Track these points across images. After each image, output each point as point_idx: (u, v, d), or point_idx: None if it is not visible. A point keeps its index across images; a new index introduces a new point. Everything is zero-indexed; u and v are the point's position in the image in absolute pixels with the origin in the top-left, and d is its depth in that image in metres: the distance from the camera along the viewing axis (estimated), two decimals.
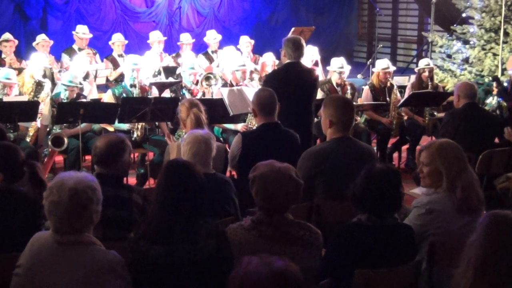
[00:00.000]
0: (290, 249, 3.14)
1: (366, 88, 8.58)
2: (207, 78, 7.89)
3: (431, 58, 11.21)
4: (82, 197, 2.77)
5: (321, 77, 9.35)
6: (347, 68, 8.50)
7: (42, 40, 9.56)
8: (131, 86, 7.56)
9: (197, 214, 3.06)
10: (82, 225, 2.80)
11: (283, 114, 5.37)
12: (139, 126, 7.36)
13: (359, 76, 12.18)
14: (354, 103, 8.10)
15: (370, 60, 11.90)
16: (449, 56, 11.93)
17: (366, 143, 4.91)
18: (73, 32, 10.09)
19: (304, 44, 6.16)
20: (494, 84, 8.56)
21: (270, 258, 2.03)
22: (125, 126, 7.37)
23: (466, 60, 11.65)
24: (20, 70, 8.44)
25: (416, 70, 8.91)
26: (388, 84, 8.43)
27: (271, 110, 5.00)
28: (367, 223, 3.27)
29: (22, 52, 11.56)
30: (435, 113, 8.46)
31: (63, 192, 2.75)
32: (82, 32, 10.01)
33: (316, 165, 4.32)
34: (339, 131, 4.41)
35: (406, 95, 8.39)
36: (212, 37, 10.88)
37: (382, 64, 8.46)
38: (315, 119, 8.18)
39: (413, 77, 9.32)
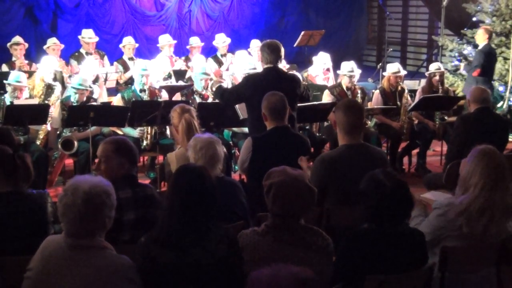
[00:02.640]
0: (304, 254, 3.13)
1: (376, 92, 8.55)
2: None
3: (441, 62, 11.17)
4: (96, 201, 2.77)
5: (332, 83, 9.34)
6: (358, 72, 8.48)
7: (53, 44, 9.57)
8: (141, 91, 7.58)
9: (208, 219, 3.04)
10: (95, 229, 2.80)
11: (258, 121, 5.33)
12: (149, 136, 7.36)
13: (369, 80, 12.16)
14: (364, 107, 8.10)
15: (380, 64, 11.88)
16: (459, 60, 11.88)
17: (378, 148, 4.87)
18: (79, 37, 10.09)
19: (281, 48, 5.99)
20: None
21: (288, 267, 2.03)
22: (135, 134, 7.37)
23: None
24: (30, 73, 8.45)
25: (426, 74, 8.87)
26: (399, 88, 8.38)
27: (281, 115, 4.99)
28: (378, 228, 3.26)
29: (32, 55, 11.61)
30: (446, 118, 8.42)
31: (77, 196, 2.75)
32: (88, 36, 9.98)
33: (329, 172, 4.29)
34: (351, 137, 4.39)
35: (416, 99, 8.35)
36: (221, 40, 10.89)
37: (393, 68, 8.42)
38: (325, 123, 8.22)
39: (423, 81, 9.28)
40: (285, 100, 5.01)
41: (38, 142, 7.46)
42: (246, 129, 7.44)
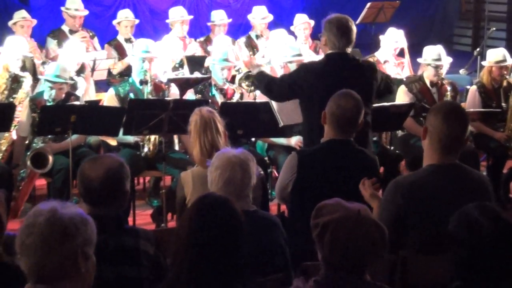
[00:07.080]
0: None
1: (472, 89, 8.51)
2: (248, 77, 7.75)
3: None
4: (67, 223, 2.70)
5: (408, 73, 9.25)
6: (447, 61, 8.38)
7: (21, 19, 9.65)
8: (141, 82, 7.57)
9: (234, 274, 3.02)
10: (64, 264, 2.72)
11: (314, 128, 5.34)
12: (152, 138, 7.34)
13: (461, 71, 12.05)
14: None
15: (478, 49, 11.76)
16: None
17: (477, 170, 4.76)
18: (62, 9, 10.16)
19: (353, 27, 6.01)
20: None
21: None
22: (132, 138, 7.36)
23: None
24: None
25: None
26: (505, 84, 8.33)
27: (350, 127, 4.96)
28: None
29: None
30: None
31: (39, 216, 2.69)
32: (74, 8, 10.06)
33: (407, 204, 4.21)
34: (445, 154, 4.29)
35: None
36: (260, 15, 10.83)
37: (496, 55, 8.37)
38: (400, 132, 8.13)
39: None
40: (361, 108, 4.97)
41: None
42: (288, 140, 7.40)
